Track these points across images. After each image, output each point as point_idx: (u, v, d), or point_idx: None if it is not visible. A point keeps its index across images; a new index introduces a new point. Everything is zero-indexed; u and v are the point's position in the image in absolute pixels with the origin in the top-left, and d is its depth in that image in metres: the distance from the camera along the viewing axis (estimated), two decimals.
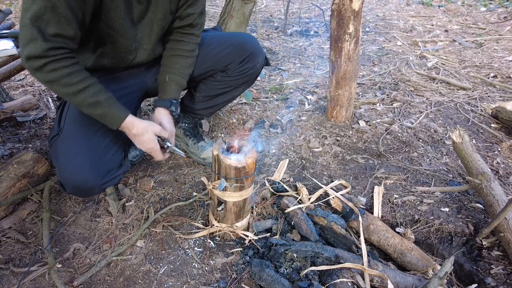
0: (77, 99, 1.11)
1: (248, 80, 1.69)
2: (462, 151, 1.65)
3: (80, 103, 1.12)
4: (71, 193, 1.26)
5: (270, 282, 1.19)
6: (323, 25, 4.57)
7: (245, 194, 1.29)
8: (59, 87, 1.08)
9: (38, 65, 1.03)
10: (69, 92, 1.09)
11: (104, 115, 1.17)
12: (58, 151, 1.22)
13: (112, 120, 1.19)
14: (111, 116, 1.18)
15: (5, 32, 1.60)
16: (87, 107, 1.13)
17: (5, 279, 1.25)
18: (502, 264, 1.38)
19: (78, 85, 1.10)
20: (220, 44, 1.60)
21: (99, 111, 1.15)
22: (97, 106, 1.14)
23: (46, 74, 1.05)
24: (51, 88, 1.10)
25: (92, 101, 1.13)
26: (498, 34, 4.07)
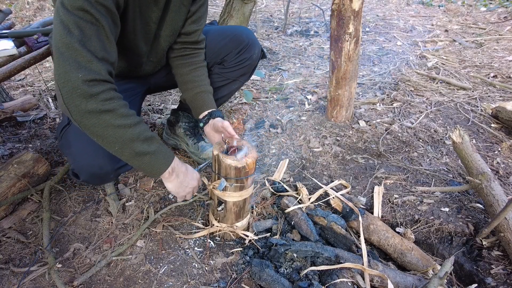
0: (134, 131, 1.00)
1: (246, 72, 1.70)
2: (462, 151, 1.65)
3: (136, 136, 1.00)
4: (85, 180, 1.25)
5: (270, 282, 1.19)
6: (323, 25, 4.57)
7: (245, 194, 1.29)
8: (115, 118, 0.96)
9: (96, 91, 0.92)
10: (126, 124, 0.98)
11: (157, 152, 1.07)
12: (71, 140, 1.20)
13: (165, 157, 1.10)
14: (164, 152, 1.10)
15: (5, 32, 1.60)
16: (142, 141, 1.02)
17: (5, 279, 1.25)
18: (502, 264, 1.38)
19: (134, 117, 1.01)
20: (216, 37, 1.61)
21: (153, 147, 1.05)
22: (153, 141, 1.06)
23: (102, 103, 0.93)
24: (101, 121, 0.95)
25: (150, 135, 1.04)
26: (498, 34, 4.07)
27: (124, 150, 1.01)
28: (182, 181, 1.20)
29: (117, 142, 0.99)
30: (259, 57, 1.72)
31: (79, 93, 0.91)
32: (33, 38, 1.59)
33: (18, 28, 2.25)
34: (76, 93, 0.91)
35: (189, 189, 1.25)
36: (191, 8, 1.37)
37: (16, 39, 1.62)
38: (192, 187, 1.25)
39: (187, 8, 1.34)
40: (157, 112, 2.40)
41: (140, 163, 1.06)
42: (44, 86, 2.73)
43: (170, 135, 1.93)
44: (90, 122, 0.94)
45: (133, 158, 1.03)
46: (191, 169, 1.27)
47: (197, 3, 1.38)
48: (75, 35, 0.90)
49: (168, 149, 1.13)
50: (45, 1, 4.97)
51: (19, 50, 1.58)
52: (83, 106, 0.92)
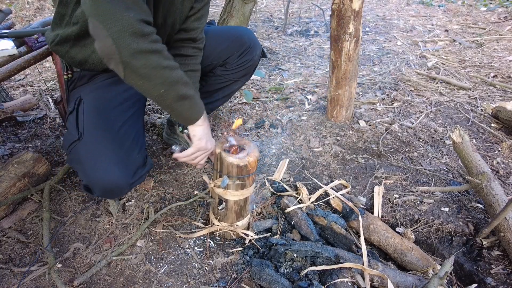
0: (178, 74, 1.02)
1: (247, 73, 1.70)
2: (462, 151, 1.65)
3: (179, 78, 1.03)
4: (100, 196, 1.25)
5: (270, 282, 1.19)
6: (323, 25, 4.57)
7: (246, 193, 1.29)
8: (162, 58, 0.97)
9: (147, 31, 0.93)
10: (171, 66, 1.00)
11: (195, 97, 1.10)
12: (82, 156, 1.18)
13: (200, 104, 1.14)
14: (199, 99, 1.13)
15: (5, 32, 1.60)
16: (184, 85, 1.04)
17: (5, 279, 1.25)
18: (502, 264, 1.38)
19: (174, 60, 1.03)
20: (217, 39, 1.61)
21: (192, 91, 1.08)
22: (191, 86, 1.08)
23: (151, 43, 0.94)
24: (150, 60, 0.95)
25: (187, 80, 1.07)
26: (498, 34, 4.07)
27: (169, 93, 1.01)
28: (209, 132, 1.23)
29: (164, 84, 0.99)
30: (260, 57, 1.72)
31: (132, 31, 0.89)
32: (33, 38, 1.59)
33: (18, 28, 2.25)
34: (128, 32, 0.88)
35: (210, 145, 1.25)
36: (196, 5, 1.35)
37: (16, 39, 1.62)
38: (211, 146, 1.26)
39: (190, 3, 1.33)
40: (157, 112, 2.40)
41: (182, 108, 1.09)
42: (44, 86, 2.73)
43: (170, 135, 1.93)
44: (139, 63, 0.93)
45: (176, 103, 1.05)
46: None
47: (201, 1, 1.37)
48: None
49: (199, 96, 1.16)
50: (45, 1, 4.97)
51: (19, 50, 1.58)
52: (135, 45, 0.90)
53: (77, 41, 1.22)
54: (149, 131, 2.15)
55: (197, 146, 1.23)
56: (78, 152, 1.20)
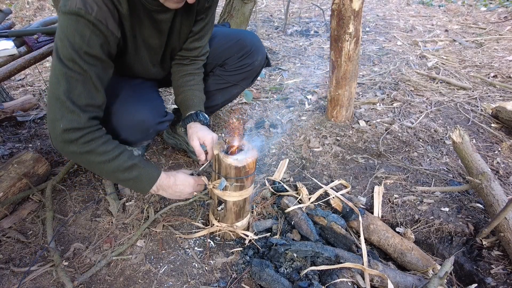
0: (114, 164, 1.12)
1: (247, 77, 1.69)
2: (462, 151, 1.65)
3: (116, 168, 1.13)
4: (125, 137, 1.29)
5: (270, 281, 1.19)
6: (323, 25, 4.57)
7: (245, 194, 1.29)
8: (94, 156, 1.09)
9: (75, 137, 1.04)
10: (105, 160, 1.10)
11: (139, 177, 1.18)
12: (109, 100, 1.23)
13: (148, 179, 1.21)
14: (147, 175, 1.20)
15: (5, 32, 1.60)
16: (122, 171, 1.14)
17: (5, 278, 1.25)
18: (502, 264, 1.38)
19: (114, 151, 1.12)
20: (221, 39, 1.62)
21: (135, 173, 1.17)
22: (134, 169, 1.16)
23: (81, 146, 1.06)
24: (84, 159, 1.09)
25: (129, 164, 1.15)
26: (498, 34, 4.06)
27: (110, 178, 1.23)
28: (172, 192, 1.29)
29: (102, 174, 1.18)
30: (263, 64, 1.71)
31: (61, 140, 1.05)
32: (33, 38, 1.59)
33: (18, 28, 2.25)
34: (59, 140, 1.05)
35: (185, 195, 1.32)
36: (194, 29, 1.40)
37: (16, 39, 1.62)
38: (188, 193, 1.32)
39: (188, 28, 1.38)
40: None
41: (127, 185, 1.23)
42: (44, 86, 2.73)
43: (171, 134, 1.93)
44: (75, 160, 1.13)
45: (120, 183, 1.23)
46: (183, 177, 1.30)
47: (200, 24, 1.40)
48: (62, 86, 1.01)
49: (152, 171, 1.22)
50: (45, 1, 4.97)
51: (19, 50, 1.58)
52: (66, 149, 1.07)
53: None
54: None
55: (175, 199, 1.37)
56: None
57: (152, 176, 1.22)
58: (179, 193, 1.30)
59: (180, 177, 1.29)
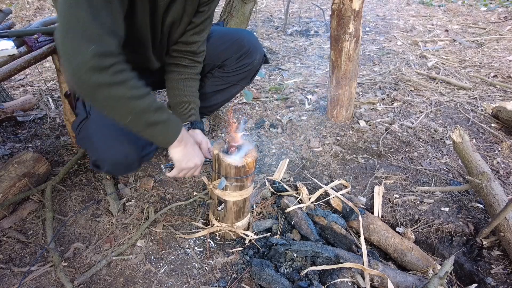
0: (145, 102, 0.99)
1: (246, 77, 1.69)
2: (462, 150, 1.65)
3: (147, 107, 1.00)
4: (108, 171, 1.24)
5: (270, 281, 1.19)
6: (323, 24, 4.57)
7: (245, 194, 1.29)
8: (126, 89, 0.94)
9: (107, 64, 0.90)
10: (137, 95, 0.97)
11: (169, 120, 1.07)
12: (91, 132, 1.20)
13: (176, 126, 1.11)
14: (175, 122, 1.10)
15: (5, 32, 1.60)
16: (153, 112, 1.01)
17: (5, 278, 1.25)
18: (502, 264, 1.38)
19: (144, 88, 1.00)
20: (218, 39, 1.60)
21: (165, 116, 1.05)
22: (164, 110, 1.05)
23: (113, 75, 0.91)
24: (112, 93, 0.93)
25: (159, 105, 1.03)
26: (499, 33, 4.06)
27: (136, 121, 1.00)
28: (188, 152, 1.18)
29: (130, 114, 0.98)
30: (261, 63, 1.70)
31: (90, 66, 0.88)
32: (33, 38, 1.59)
33: (18, 28, 2.25)
34: (87, 67, 0.88)
35: (191, 163, 1.21)
36: (195, 20, 1.36)
37: (16, 39, 1.62)
38: (194, 164, 1.21)
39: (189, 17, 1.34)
40: None
41: (153, 133, 1.05)
42: (44, 86, 2.73)
43: None
44: (101, 95, 0.93)
45: (146, 129, 1.03)
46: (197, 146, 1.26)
47: (201, 16, 1.37)
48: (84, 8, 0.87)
49: (177, 118, 1.12)
50: (45, 1, 4.97)
51: (19, 50, 1.58)
52: (94, 79, 0.89)
53: None
54: None
55: (178, 167, 1.20)
56: (87, 130, 1.23)
57: (178, 123, 1.11)
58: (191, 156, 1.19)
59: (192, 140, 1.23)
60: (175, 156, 1.17)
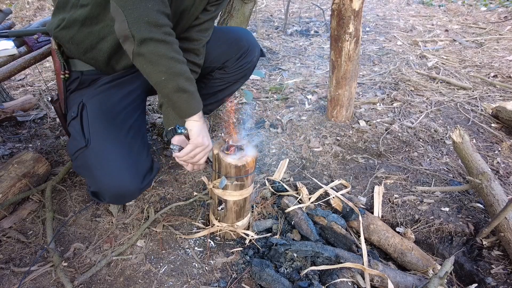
0: (182, 68, 1.08)
1: (246, 74, 1.70)
2: (462, 150, 1.65)
3: (182, 72, 1.08)
4: (110, 202, 1.26)
5: (271, 281, 1.19)
6: (323, 24, 4.57)
7: (245, 193, 1.29)
8: (169, 50, 1.04)
9: (162, 23, 1.01)
10: (178, 59, 1.06)
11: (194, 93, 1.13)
12: (91, 163, 1.17)
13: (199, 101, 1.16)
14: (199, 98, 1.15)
15: (5, 32, 1.60)
16: (185, 79, 1.09)
17: (5, 278, 1.25)
18: (502, 264, 1.38)
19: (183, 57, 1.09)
20: (215, 41, 1.59)
21: (193, 88, 1.12)
22: (192, 82, 1.12)
23: (163, 35, 1.01)
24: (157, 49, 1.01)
25: (191, 77, 1.11)
26: (499, 33, 4.06)
27: (169, 82, 1.06)
28: (205, 129, 1.21)
29: (166, 73, 1.04)
30: (259, 58, 1.71)
31: (148, 20, 0.97)
32: (33, 38, 1.59)
33: (18, 28, 2.25)
34: (145, 20, 0.97)
35: (206, 141, 1.22)
36: (201, 16, 1.36)
37: (16, 39, 1.62)
38: (208, 143, 1.23)
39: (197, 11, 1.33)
40: (157, 112, 2.40)
41: (179, 99, 1.11)
42: (44, 86, 2.73)
43: None
44: (147, 49, 1.00)
45: (174, 93, 1.09)
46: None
47: (208, 14, 1.37)
48: None
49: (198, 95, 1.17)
50: (45, 1, 4.97)
51: (19, 50, 1.58)
52: (147, 33, 0.98)
53: (84, 25, 1.19)
54: (149, 131, 2.15)
55: (195, 142, 1.20)
56: (85, 159, 1.19)
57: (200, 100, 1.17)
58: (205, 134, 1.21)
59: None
60: (194, 129, 1.18)
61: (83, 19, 1.17)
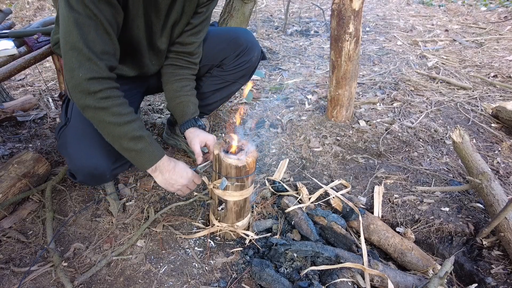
0: (122, 130, 1.09)
1: (245, 74, 1.69)
2: (463, 150, 1.65)
3: (124, 134, 1.10)
4: (82, 181, 1.27)
5: (271, 281, 1.19)
6: (323, 24, 4.57)
7: (245, 193, 1.29)
8: (107, 115, 1.06)
9: (95, 89, 1.02)
10: (116, 122, 1.07)
11: (142, 151, 1.14)
12: (68, 141, 1.22)
13: (150, 156, 1.17)
14: (150, 152, 1.16)
15: (5, 32, 1.60)
16: (129, 140, 1.11)
17: (5, 278, 1.25)
18: (502, 264, 1.38)
19: (126, 116, 1.10)
20: (214, 39, 1.60)
21: (140, 146, 1.13)
22: (140, 141, 1.13)
23: (98, 101, 1.04)
24: (96, 115, 1.07)
25: (138, 135, 1.12)
26: (499, 33, 4.06)
27: (114, 143, 1.13)
28: (168, 178, 1.24)
29: (109, 136, 1.12)
30: (259, 59, 1.70)
31: (80, 89, 1.02)
32: (33, 38, 1.59)
33: (18, 28, 2.25)
34: (78, 89, 1.03)
35: (178, 185, 1.26)
36: (193, 21, 1.37)
37: (16, 39, 1.62)
38: (181, 185, 1.27)
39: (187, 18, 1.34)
40: (157, 112, 2.40)
41: (128, 156, 1.16)
42: (44, 86, 2.73)
43: (170, 135, 1.93)
44: (88, 115, 1.08)
45: (122, 151, 1.15)
46: (183, 167, 1.27)
47: (199, 17, 1.38)
48: (75, 34, 0.98)
49: (156, 149, 1.18)
50: (45, 1, 4.97)
51: (19, 50, 1.58)
52: (83, 101, 1.04)
53: None
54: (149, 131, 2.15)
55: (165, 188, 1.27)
56: (65, 137, 1.24)
57: (155, 154, 1.18)
58: (173, 181, 1.25)
59: (180, 165, 1.27)
60: (157, 179, 1.25)
61: None
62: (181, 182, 1.26)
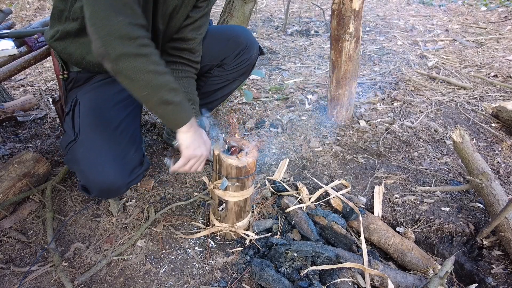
0: (163, 79, 1.03)
1: (245, 72, 1.69)
2: (463, 150, 1.65)
3: (164, 84, 1.03)
4: (97, 196, 1.25)
5: (271, 281, 1.19)
6: (324, 24, 4.57)
7: (246, 194, 1.29)
8: (147, 62, 0.99)
9: (135, 35, 0.95)
10: (157, 71, 1.01)
11: (181, 104, 1.08)
12: (79, 156, 1.18)
13: (187, 112, 1.11)
14: (187, 107, 1.11)
15: (6, 32, 1.60)
16: (169, 90, 1.04)
17: (5, 278, 1.25)
18: (503, 264, 1.38)
19: (164, 66, 1.04)
20: (214, 39, 1.59)
21: (179, 98, 1.07)
22: (179, 93, 1.07)
23: (138, 47, 0.97)
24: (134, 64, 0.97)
25: (176, 87, 1.06)
26: (499, 33, 4.06)
27: (152, 96, 1.03)
28: (197, 139, 1.17)
29: (147, 87, 1.01)
30: (258, 56, 1.71)
31: (119, 35, 0.93)
32: (33, 38, 1.59)
33: (18, 28, 2.25)
34: (116, 35, 0.93)
35: (199, 151, 1.19)
36: (192, 14, 1.34)
37: (17, 39, 1.62)
38: (201, 153, 1.20)
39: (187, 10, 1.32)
40: None
41: (164, 112, 1.08)
42: (44, 86, 2.73)
43: (171, 134, 1.93)
44: (124, 65, 0.97)
45: (159, 106, 1.06)
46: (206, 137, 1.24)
47: (199, 11, 1.36)
48: None
49: (190, 105, 1.13)
50: (45, 1, 4.97)
51: (19, 50, 1.58)
52: (120, 49, 0.94)
53: (76, 37, 1.21)
54: (149, 131, 2.15)
55: (186, 155, 1.18)
56: (74, 153, 1.20)
57: (190, 110, 1.12)
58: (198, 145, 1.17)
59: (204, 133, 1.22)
60: (183, 141, 1.16)
61: (75, 32, 1.20)
62: (202, 150, 1.20)
